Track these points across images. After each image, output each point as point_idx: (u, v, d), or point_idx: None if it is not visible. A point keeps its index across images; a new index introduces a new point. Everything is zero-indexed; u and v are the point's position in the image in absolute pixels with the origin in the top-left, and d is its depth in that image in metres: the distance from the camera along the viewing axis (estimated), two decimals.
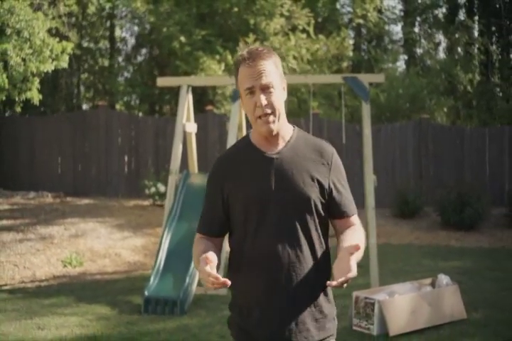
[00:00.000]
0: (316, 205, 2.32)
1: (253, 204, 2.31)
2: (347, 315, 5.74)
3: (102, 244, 9.40)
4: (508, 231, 10.97)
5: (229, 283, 2.09)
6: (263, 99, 2.27)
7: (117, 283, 7.61)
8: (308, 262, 2.30)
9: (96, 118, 13.33)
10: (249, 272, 2.32)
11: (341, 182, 2.41)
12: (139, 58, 20.03)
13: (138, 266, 8.61)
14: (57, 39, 10.31)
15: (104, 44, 20.29)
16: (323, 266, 2.35)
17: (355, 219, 2.44)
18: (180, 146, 7.83)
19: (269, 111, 2.28)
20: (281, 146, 2.37)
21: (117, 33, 20.32)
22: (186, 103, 7.94)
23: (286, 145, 2.37)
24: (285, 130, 2.39)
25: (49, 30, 10.25)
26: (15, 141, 13.47)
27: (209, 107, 13.30)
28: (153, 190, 11.67)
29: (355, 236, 2.32)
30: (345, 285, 2.06)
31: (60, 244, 9.20)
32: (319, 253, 2.34)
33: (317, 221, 2.33)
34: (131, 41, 20.21)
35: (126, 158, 13.32)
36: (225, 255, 4.77)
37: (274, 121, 2.30)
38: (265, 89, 2.28)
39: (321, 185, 2.34)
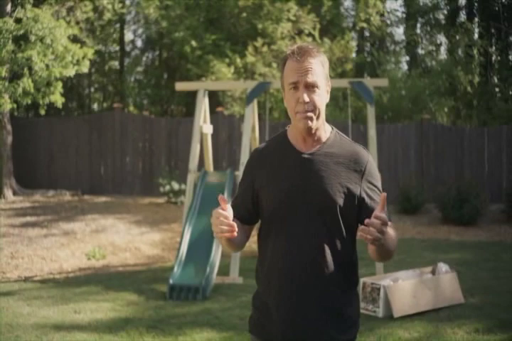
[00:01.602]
0: (341, 210, 2.28)
1: (278, 202, 2.31)
2: None
3: (122, 238, 9.96)
4: (505, 226, 11.49)
5: (235, 228, 2.09)
6: (306, 97, 2.25)
7: (140, 273, 8.16)
8: (329, 266, 2.27)
9: (111, 120, 13.91)
10: (270, 270, 2.32)
11: (375, 190, 2.34)
12: (149, 61, 20.53)
13: (157, 259, 9.16)
14: (76, 44, 10.88)
15: (113, 46, 20.80)
16: (347, 272, 2.33)
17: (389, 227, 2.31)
18: (198, 146, 8.38)
19: (310, 108, 2.26)
20: (316, 147, 2.34)
21: (127, 35, 20.82)
22: (203, 106, 8.50)
23: (322, 146, 2.34)
24: (323, 131, 2.36)
25: (68, 36, 10.78)
26: (34, 141, 14.06)
27: (219, 108, 13.83)
28: (167, 187, 12.22)
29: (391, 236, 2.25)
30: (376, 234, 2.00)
31: (83, 239, 9.77)
32: (342, 257, 2.31)
33: (343, 226, 2.30)
34: (141, 44, 20.73)
35: (140, 158, 13.89)
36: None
37: (312, 118, 2.27)
38: (309, 87, 2.26)
39: (350, 191, 2.29)
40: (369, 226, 2.01)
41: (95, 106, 21.52)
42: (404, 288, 6.04)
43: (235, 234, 2.10)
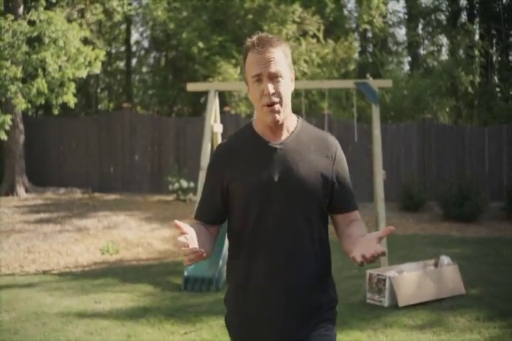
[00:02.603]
0: (318, 197, 2.29)
1: (254, 194, 2.26)
2: (361, 291, 6.64)
3: (134, 234, 10.28)
4: (505, 223, 11.82)
5: (205, 254, 2.00)
6: (270, 88, 2.21)
7: (153, 267, 8.48)
8: (308, 253, 2.28)
9: (121, 120, 14.24)
10: (249, 266, 2.29)
11: (344, 176, 2.37)
12: (155, 61, 20.84)
13: (168, 253, 9.46)
14: (88, 47, 11.19)
15: (119, 47, 21.12)
16: (323, 257, 2.34)
17: (356, 214, 2.42)
18: (209, 145, 8.68)
19: (276, 100, 2.22)
20: (285, 137, 2.32)
21: (134, 36, 21.13)
22: (214, 106, 8.80)
23: (290, 135, 2.32)
24: (289, 120, 2.34)
25: (80, 38, 11.09)
26: (45, 140, 14.39)
27: (226, 108, 14.15)
28: (176, 185, 12.54)
29: (363, 229, 2.31)
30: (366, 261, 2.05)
31: (96, 235, 10.08)
32: (319, 244, 2.31)
33: (318, 213, 2.30)
34: (147, 45, 21.02)
35: (148, 157, 14.21)
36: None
37: (279, 111, 2.24)
38: (273, 77, 2.22)
39: (324, 177, 2.30)
40: (369, 257, 2.01)
41: (101, 105, 21.79)
42: (409, 279, 6.35)
43: (204, 255, 2.00)
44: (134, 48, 21.14)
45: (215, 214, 2.37)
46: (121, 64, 21.33)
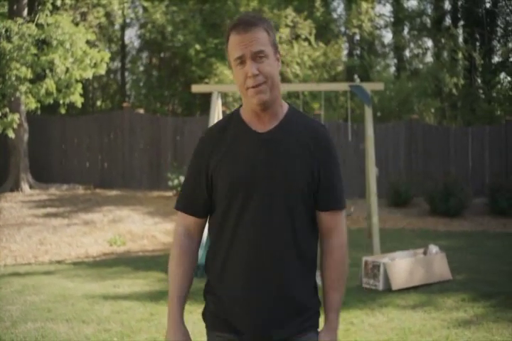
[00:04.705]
0: (303, 190, 2.15)
1: (238, 183, 2.13)
2: (356, 277, 7.27)
3: (138, 227, 10.84)
4: (487, 217, 12.56)
5: None
6: (254, 69, 2.06)
7: (160, 257, 9.01)
8: (291, 250, 2.15)
9: (121, 119, 14.79)
10: (231, 259, 2.17)
11: (333, 169, 2.21)
12: (151, 61, 21.29)
13: (172, 245, 10.02)
14: (92, 48, 11.72)
15: (113, 47, 21.54)
16: (305, 251, 2.19)
17: (341, 217, 2.23)
18: None
19: (261, 80, 2.07)
20: (274, 125, 2.17)
21: (127, 36, 21.54)
22: (217, 106, 9.38)
23: (279, 124, 2.17)
24: (278, 106, 2.19)
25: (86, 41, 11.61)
26: (48, 138, 14.91)
27: (222, 108, 14.68)
28: (176, 181, 13.11)
29: (337, 269, 2.23)
30: None
31: (103, 228, 10.64)
32: (303, 241, 2.17)
33: (304, 207, 2.16)
34: (141, 45, 21.45)
35: (147, 154, 14.78)
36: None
37: (266, 91, 2.08)
38: (256, 58, 2.07)
39: (310, 169, 2.15)
40: None
41: (96, 105, 22.22)
42: (401, 266, 6.99)
43: None
44: (129, 49, 21.60)
45: (203, 206, 2.24)
46: (116, 63, 21.74)
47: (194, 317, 5.80)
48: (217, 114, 9.38)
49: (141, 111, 15.12)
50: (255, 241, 2.13)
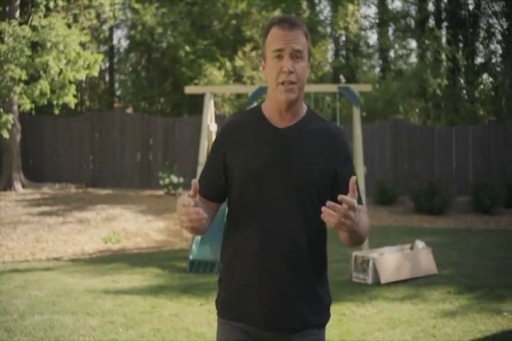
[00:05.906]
0: (317, 188, 2.19)
1: (253, 176, 2.19)
2: (346, 272, 7.58)
3: (132, 225, 11.07)
4: (471, 215, 12.93)
5: (204, 220, 1.99)
6: (290, 66, 2.11)
7: (155, 254, 9.31)
8: (305, 246, 2.19)
9: (112, 119, 15.02)
10: (245, 250, 2.21)
11: (351, 169, 2.26)
12: (140, 62, 21.47)
13: (165, 243, 10.28)
14: (85, 50, 11.94)
15: (100, 47, 21.71)
16: (320, 252, 2.26)
17: (362, 208, 2.13)
18: (206, 143, 9.54)
19: (294, 79, 2.13)
20: (293, 123, 2.23)
21: (117, 37, 21.70)
22: (209, 107, 9.67)
23: (298, 122, 2.23)
24: (300, 107, 2.25)
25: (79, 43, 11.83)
26: (40, 138, 15.11)
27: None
28: (167, 180, 13.36)
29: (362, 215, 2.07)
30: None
31: (97, 226, 10.86)
32: (317, 237, 2.23)
33: (317, 202, 2.17)
34: (129, 46, 21.62)
35: (138, 154, 15.02)
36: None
37: (295, 91, 2.15)
38: (294, 57, 2.13)
39: (325, 169, 2.20)
40: (332, 209, 1.88)
41: (86, 105, 22.36)
42: (389, 260, 7.30)
43: (204, 220, 1.99)
44: (117, 49, 21.79)
45: (216, 191, 2.28)
46: (104, 64, 21.90)
47: (194, 310, 6.10)
48: (209, 114, 9.67)
49: (130, 110, 15.30)
50: (268, 236, 2.17)
